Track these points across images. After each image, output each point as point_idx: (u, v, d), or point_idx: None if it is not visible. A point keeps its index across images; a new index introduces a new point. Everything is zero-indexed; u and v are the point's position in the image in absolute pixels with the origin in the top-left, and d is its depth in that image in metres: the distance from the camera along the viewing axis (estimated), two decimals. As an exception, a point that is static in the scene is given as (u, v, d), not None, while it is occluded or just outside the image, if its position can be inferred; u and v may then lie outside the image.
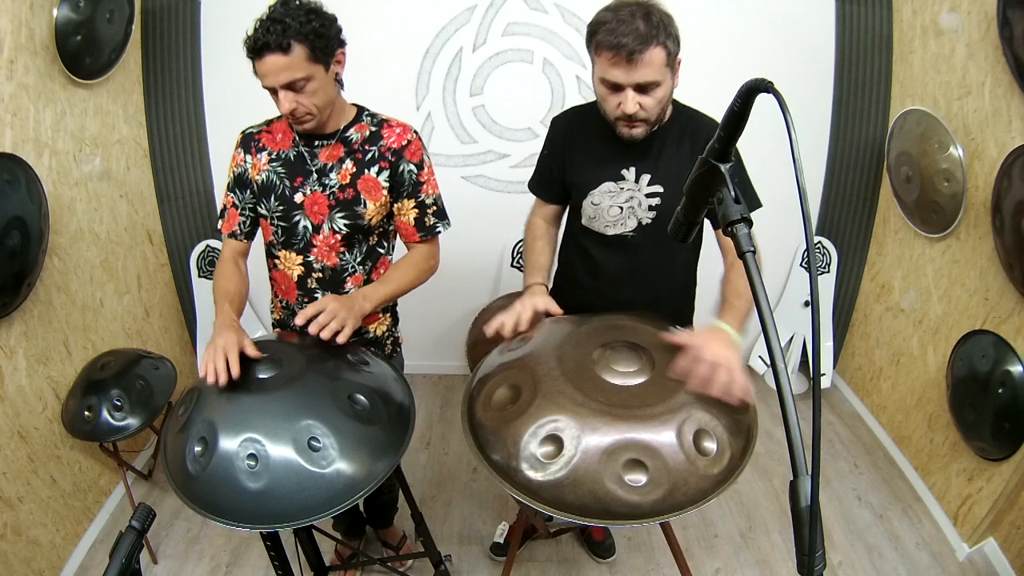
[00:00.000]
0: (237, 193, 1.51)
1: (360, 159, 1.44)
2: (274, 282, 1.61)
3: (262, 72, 1.28)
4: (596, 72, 1.29)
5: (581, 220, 1.51)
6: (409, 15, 2.48)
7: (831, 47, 2.60)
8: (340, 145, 1.44)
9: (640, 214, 1.45)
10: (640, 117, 1.27)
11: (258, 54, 1.25)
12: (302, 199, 1.45)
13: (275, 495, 1.02)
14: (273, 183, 1.46)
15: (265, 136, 1.48)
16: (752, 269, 0.72)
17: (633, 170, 1.41)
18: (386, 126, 1.47)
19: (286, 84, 1.27)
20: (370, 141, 1.45)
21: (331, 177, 1.44)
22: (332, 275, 1.52)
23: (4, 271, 1.69)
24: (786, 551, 2.18)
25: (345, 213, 1.45)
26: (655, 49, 1.19)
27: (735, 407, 1.05)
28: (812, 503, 0.62)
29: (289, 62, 1.25)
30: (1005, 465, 1.95)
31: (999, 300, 2.00)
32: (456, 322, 3.01)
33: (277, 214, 1.47)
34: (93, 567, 2.07)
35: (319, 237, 1.48)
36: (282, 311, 1.64)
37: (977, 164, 2.04)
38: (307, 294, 1.55)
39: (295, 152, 1.45)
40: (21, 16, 1.80)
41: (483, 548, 2.19)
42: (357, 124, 1.46)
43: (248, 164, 1.49)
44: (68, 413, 1.99)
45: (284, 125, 1.47)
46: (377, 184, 1.45)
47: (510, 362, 1.17)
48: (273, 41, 1.23)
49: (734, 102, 0.77)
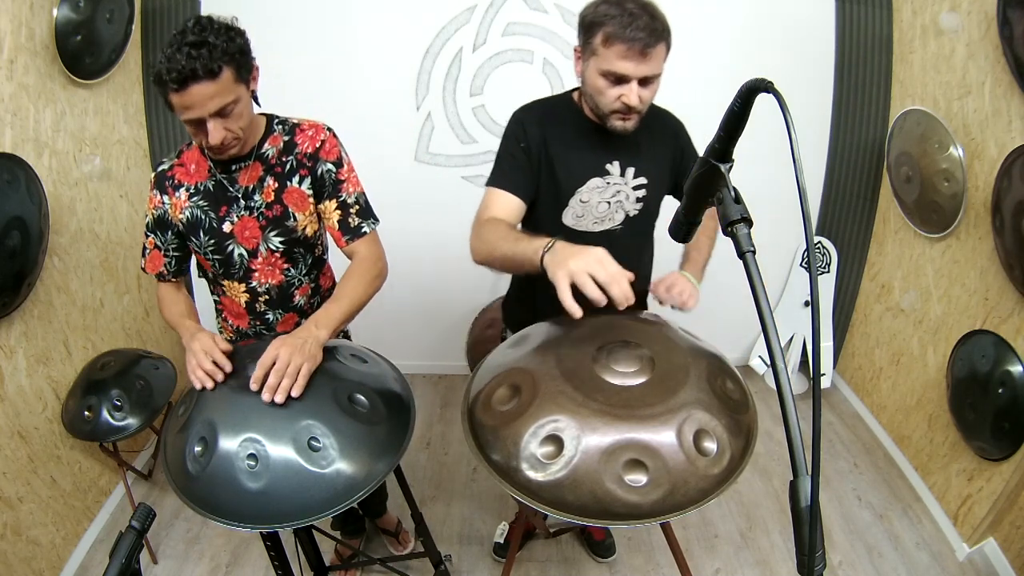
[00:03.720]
0: (158, 235, 1.44)
1: (280, 172, 1.38)
2: (224, 308, 1.57)
3: (185, 103, 1.16)
4: (596, 64, 1.27)
5: (563, 221, 1.47)
6: (409, 15, 2.48)
7: (831, 47, 2.60)
8: (258, 164, 1.38)
9: (628, 207, 1.47)
10: (637, 109, 1.30)
11: (182, 85, 1.13)
12: (231, 227, 1.40)
13: (275, 495, 1.02)
14: (198, 218, 1.39)
15: (178, 171, 1.40)
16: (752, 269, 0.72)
17: (617, 164, 1.42)
18: (298, 131, 1.40)
19: (216, 111, 1.19)
20: (285, 152, 1.39)
21: (255, 199, 1.38)
22: (279, 292, 1.50)
23: (4, 271, 1.69)
24: (786, 551, 2.18)
25: (277, 231, 1.41)
26: (661, 43, 1.24)
27: (735, 407, 1.05)
28: (812, 503, 0.62)
29: (219, 87, 1.16)
30: (1005, 465, 1.95)
31: (999, 300, 2.00)
32: (456, 322, 3.00)
33: (210, 248, 1.41)
34: (93, 567, 2.07)
35: (257, 261, 1.44)
36: (233, 334, 1.60)
37: (977, 164, 2.04)
38: (257, 317, 1.53)
39: (213, 182, 1.38)
40: (21, 16, 1.80)
41: (483, 548, 2.19)
42: (270, 137, 1.39)
43: (167, 205, 1.40)
44: (68, 413, 1.99)
45: (195, 155, 1.39)
46: (302, 194, 1.40)
47: (510, 362, 1.17)
48: (202, 67, 1.12)
49: (734, 102, 0.77)
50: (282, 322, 1.55)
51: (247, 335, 1.57)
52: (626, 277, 1.04)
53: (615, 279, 1.03)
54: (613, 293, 1.03)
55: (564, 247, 1.10)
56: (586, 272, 1.03)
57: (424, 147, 2.69)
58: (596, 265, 1.04)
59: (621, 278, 1.03)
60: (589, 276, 1.03)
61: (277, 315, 1.54)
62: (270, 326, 1.55)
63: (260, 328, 1.55)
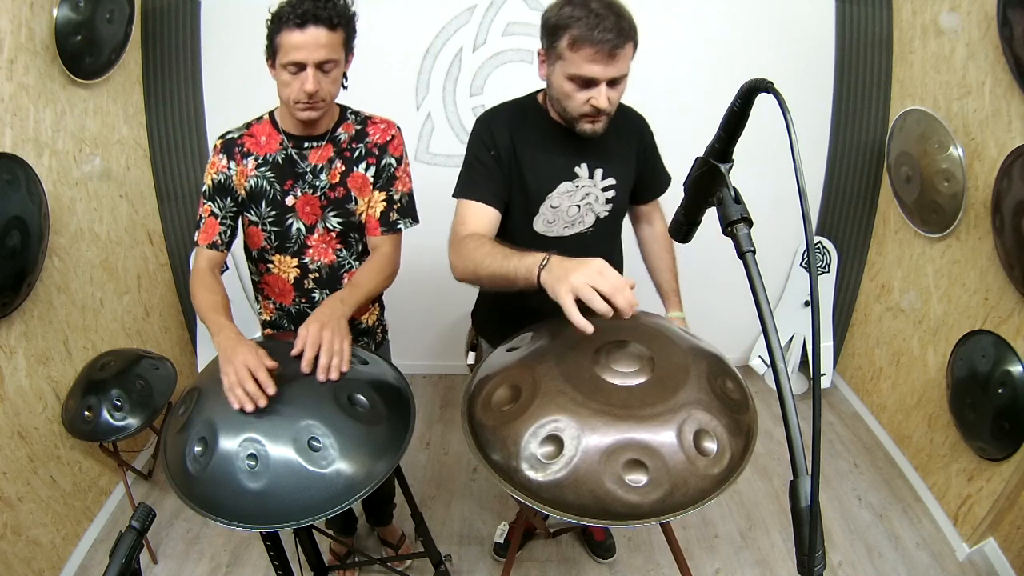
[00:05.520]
0: (217, 201, 1.44)
1: (348, 157, 1.44)
2: (266, 286, 1.58)
3: (297, 43, 1.21)
4: (563, 68, 1.24)
5: (534, 228, 1.45)
6: (409, 15, 2.48)
7: (831, 47, 2.60)
8: (330, 146, 1.44)
9: (597, 209, 1.46)
10: (607, 112, 1.28)
11: (301, 23, 1.19)
12: (293, 202, 1.43)
13: (275, 495, 1.02)
14: (263, 188, 1.42)
15: (248, 140, 1.42)
16: (752, 269, 0.72)
17: (585, 166, 1.40)
18: (370, 123, 1.47)
19: (320, 62, 1.24)
20: (356, 139, 1.45)
21: (321, 178, 1.43)
22: (329, 272, 1.52)
23: (4, 271, 1.69)
24: (786, 551, 2.18)
25: (337, 212, 1.45)
26: (629, 43, 1.21)
27: (735, 407, 1.05)
28: (812, 503, 0.63)
29: (331, 39, 1.23)
30: (1005, 465, 1.95)
31: (999, 300, 2.00)
32: (456, 322, 3.00)
33: (270, 219, 1.45)
34: (93, 567, 2.07)
35: (313, 238, 1.47)
36: (274, 312, 1.61)
37: (977, 164, 2.04)
38: (304, 295, 1.54)
39: (283, 155, 1.42)
40: (21, 16, 1.80)
41: (483, 548, 2.19)
42: (344, 123, 1.45)
43: (232, 171, 1.42)
44: (68, 413, 1.99)
45: (266, 127, 1.43)
46: (366, 180, 1.46)
47: (510, 362, 1.17)
48: (323, 14, 1.20)
49: (734, 102, 0.77)
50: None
51: (289, 313, 1.58)
52: (628, 285, 1.03)
53: (618, 289, 1.01)
54: (618, 303, 1.01)
55: (560, 262, 1.07)
56: (589, 286, 1.00)
57: (424, 147, 2.69)
58: (598, 277, 1.01)
59: (624, 287, 1.02)
60: (593, 289, 1.00)
61: (324, 294, 1.54)
62: (314, 305, 1.53)
63: (304, 306, 1.55)
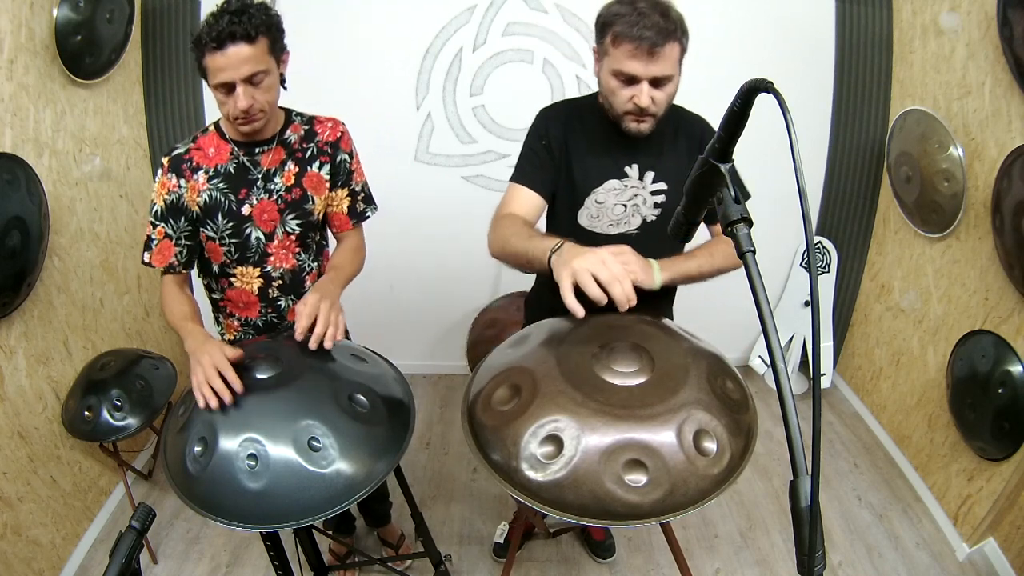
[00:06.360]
0: (170, 223, 1.40)
1: (301, 158, 1.46)
2: (228, 303, 1.56)
3: (219, 65, 1.22)
4: (608, 64, 1.27)
5: (578, 221, 1.48)
6: (409, 15, 2.48)
7: (831, 47, 2.60)
8: (280, 148, 1.44)
9: (644, 212, 1.45)
10: (651, 111, 1.28)
11: (220, 45, 1.20)
12: (250, 210, 1.42)
13: (275, 495, 1.02)
14: (217, 200, 1.40)
15: (196, 154, 1.40)
16: (752, 269, 0.72)
17: (636, 167, 1.41)
18: (316, 122, 1.49)
19: (247, 77, 1.25)
20: (306, 139, 1.46)
21: (275, 181, 1.43)
22: (292, 277, 1.52)
23: (4, 271, 1.69)
24: (786, 551, 2.18)
25: (295, 213, 1.46)
26: (673, 44, 1.21)
27: (735, 407, 1.05)
28: (812, 503, 0.63)
29: (253, 53, 1.23)
30: (1005, 465, 1.95)
31: (999, 300, 2.00)
32: (456, 322, 3.00)
33: (227, 231, 1.43)
34: (93, 567, 2.07)
35: (273, 245, 1.47)
36: (239, 329, 1.59)
37: (977, 164, 2.04)
38: (269, 304, 1.54)
39: (235, 164, 1.41)
40: (21, 16, 1.80)
41: (483, 548, 2.19)
42: (291, 126, 1.46)
43: (183, 188, 1.39)
44: (68, 413, 1.99)
45: (213, 139, 1.41)
46: (321, 179, 1.48)
47: (510, 362, 1.16)
48: (240, 31, 1.20)
49: (734, 102, 0.77)
50: (293, 309, 1.56)
51: (256, 326, 1.57)
52: (629, 278, 1.04)
53: (617, 279, 1.03)
54: (614, 292, 1.03)
55: (571, 248, 1.10)
56: (588, 271, 1.03)
57: (424, 147, 2.69)
58: (599, 265, 1.04)
59: (624, 278, 1.03)
60: (591, 275, 1.03)
61: (289, 301, 1.55)
62: (282, 313, 1.56)
63: (271, 316, 1.55)
